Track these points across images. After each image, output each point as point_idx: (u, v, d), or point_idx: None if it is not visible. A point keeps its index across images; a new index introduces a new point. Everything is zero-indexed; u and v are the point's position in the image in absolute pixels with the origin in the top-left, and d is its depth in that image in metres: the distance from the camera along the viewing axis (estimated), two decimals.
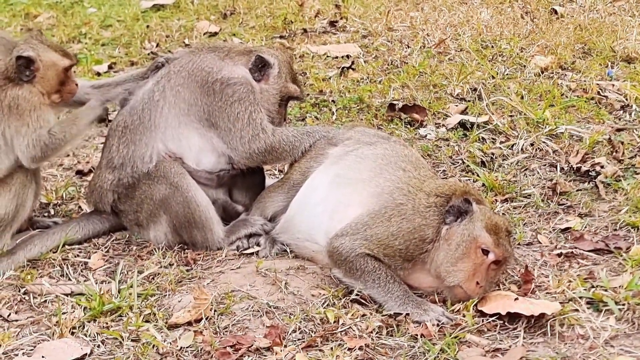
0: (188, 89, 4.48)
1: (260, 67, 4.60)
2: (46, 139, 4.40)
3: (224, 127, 4.45)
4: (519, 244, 4.41)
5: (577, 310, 3.76)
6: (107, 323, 3.85)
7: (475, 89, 6.25)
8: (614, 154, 5.24)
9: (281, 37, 7.85)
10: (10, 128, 4.39)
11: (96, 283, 4.18)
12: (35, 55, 4.39)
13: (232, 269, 4.29)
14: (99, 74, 7.50)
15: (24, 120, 4.38)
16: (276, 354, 3.58)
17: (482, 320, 3.76)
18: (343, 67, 6.83)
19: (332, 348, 3.60)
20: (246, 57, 4.62)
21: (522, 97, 6.06)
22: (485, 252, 3.86)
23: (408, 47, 7.19)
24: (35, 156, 4.41)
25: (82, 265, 4.42)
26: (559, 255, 4.28)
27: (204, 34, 8.16)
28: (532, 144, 5.44)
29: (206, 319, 3.83)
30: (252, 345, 3.63)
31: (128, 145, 4.48)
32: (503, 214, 4.68)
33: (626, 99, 6.02)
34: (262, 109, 4.53)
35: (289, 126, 4.78)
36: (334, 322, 3.78)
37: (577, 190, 4.91)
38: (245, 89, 4.48)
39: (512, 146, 5.45)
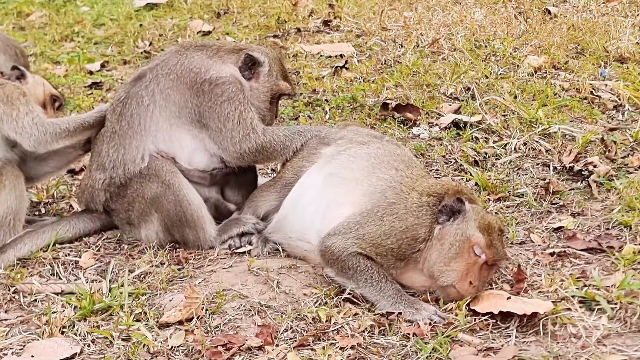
0: (177, 91, 4.44)
1: (250, 65, 4.57)
2: (45, 121, 4.46)
3: (214, 128, 4.43)
4: (511, 243, 4.41)
5: (569, 309, 3.76)
6: (97, 322, 3.82)
7: (468, 89, 6.25)
8: (607, 153, 5.24)
9: (275, 36, 7.84)
10: None
11: (87, 282, 4.16)
12: (27, 73, 4.78)
13: (224, 268, 4.27)
14: (91, 73, 7.48)
15: (14, 105, 4.44)
16: (268, 353, 3.56)
17: (475, 319, 3.75)
18: (336, 67, 6.83)
19: (324, 347, 3.59)
20: (236, 56, 4.58)
21: (515, 97, 6.06)
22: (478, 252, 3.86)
23: (402, 46, 7.19)
24: (39, 138, 4.42)
25: (72, 264, 4.39)
26: (552, 254, 4.28)
27: (197, 32, 8.15)
28: (525, 144, 5.44)
29: (197, 318, 3.81)
30: (243, 345, 3.61)
31: (118, 149, 4.45)
32: (496, 213, 4.67)
33: (619, 99, 6.03)
34: (252, 108, 4.50)
35: (281, 125, 4.76)
36: (326, 321, 3.77)
37: (570, 190, 4.91)
38: (234, 88, 4.46)
39: (505, 145, 5.45)
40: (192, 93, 4.42)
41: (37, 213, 5.01)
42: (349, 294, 3.93)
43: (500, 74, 6.53)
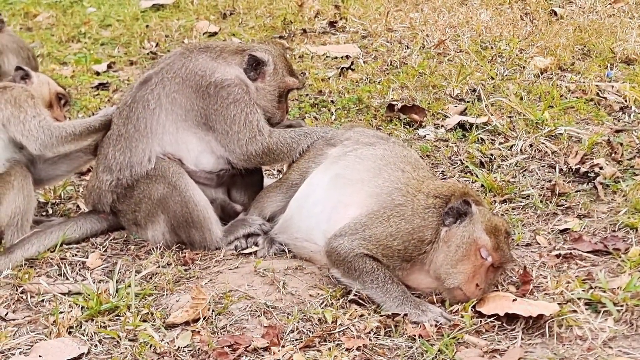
0: (183, 94, 4.45)
1: (254, 66, 4.58)
2: (52, 125, 4.50)
3: (221, 130, 4.44)
4: (517, 244, 4.41)
5: (575, 311, 3.76)
6: (104, 322, 3.84)
7: (474, 90, 6.24)
8: (613, 155, 5.24)
9: (281, 37, 7.85)
10: (5, 114, 4.46)
11: (94, 282, 4.18)
12: (32, 72, 4.81)
13: (230, 269, 4.29)
14: (98, 73, 7.51)
15: (22, 107, 4.48)
16: (274, 354, 3.57)
17: (481, 321, 3.75)
18: (342, 68, 6.83)
19: (329, 348, 3.59)
20: (240, 57, 4.58)
21: (521, 98, 6.06)
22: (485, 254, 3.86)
23: (407, 47, 7.19)
24: (45, 141, 4.46)
25: (79, 265, 4.41)
26: (558, 256, 4.27)
27: (204, 34, 8.16)
28: (531, 145, 5.44)
29: (204, 318, 3.82)
30: (249, 345, 3.62)
31: (124, 152, 4.47)
32: (502, 215, 4.67)
33: (625, 101, 6.02)
34: (258, 110, 4.51)
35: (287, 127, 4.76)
36: (332, 322, 3.77)
37: (576, 192, 4.91)
38: (239, 89, 4.46)
39: (511, 147, 5.45)
40: (198, 96, 4.43)
41: (44, 213, 5.04)
42: (355, 295, 3.93)
43: (506, 75, 6.52)
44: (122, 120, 4.51)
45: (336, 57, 7.17)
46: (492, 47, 7.08)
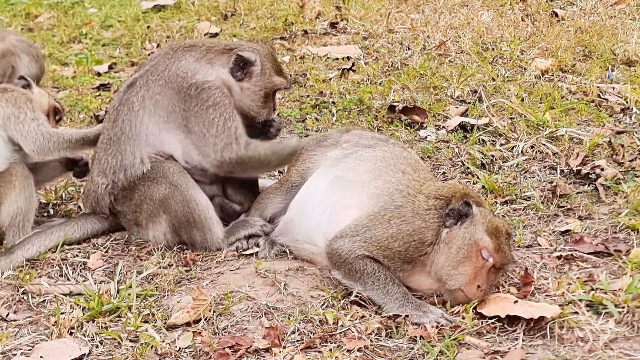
0: (166, 96, 4.44)
1: (241, 65, 4.54)
2: (50, 130, 4.56)
3: (198, 133, 4.40)
4: (518, 246, 4.41)
5: (576, 313, 3.76)
6: (105, 323, 3.84)
7: (475, 91, 6.24)
8: (614, 156, 5.24)
9: (282, 38, 7.85)
10: (5, 112, 4.52)
11: (95, 283, 4.18)
12: (33, 84, 4.89)
13: (232, 270, 4.29)
14: (99, 74, 7.51)
15: (21, 108, 4.55)
16: (275, 355, 3.58)
17: (482, 323, 3.75)
18: (343, 69, 6.83)
19: (331, 349, 3.60)
20: (226, 56, 4.54)
21: (522, 100, 6.06)
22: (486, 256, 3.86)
23: (408, 49, 7.19)
24: (42, 145, 4.52)
25: (81, 265, 4.41)
26: (559, 257, 4.27)
27: (205, 34, 8.16)
28: (532, 147, 5.44)
29: (205, 319, 3.83)
30: (250, 346, 3.62)
31: (115, 155, 4.48)
32: (503, 216, 4.67)
33: (626, 102, 6.02)
34: (237, 117, 4.45)
35: (266, 141, 4.69)
36: (333, 323, 3.77)
37: (577, 193, 4.91)
38: (220, 93, 4.43)
39: (512, 148, 5.45)
40: (180, 98, 4.42)
41: (45, 214, 5.04)
42: (356, 296, 3.93)
43: (508, 76, 6.52)
44: (110, 123, 4.53)
45: (337, 58, 7.17)
46: (493, 49, 7.08)
